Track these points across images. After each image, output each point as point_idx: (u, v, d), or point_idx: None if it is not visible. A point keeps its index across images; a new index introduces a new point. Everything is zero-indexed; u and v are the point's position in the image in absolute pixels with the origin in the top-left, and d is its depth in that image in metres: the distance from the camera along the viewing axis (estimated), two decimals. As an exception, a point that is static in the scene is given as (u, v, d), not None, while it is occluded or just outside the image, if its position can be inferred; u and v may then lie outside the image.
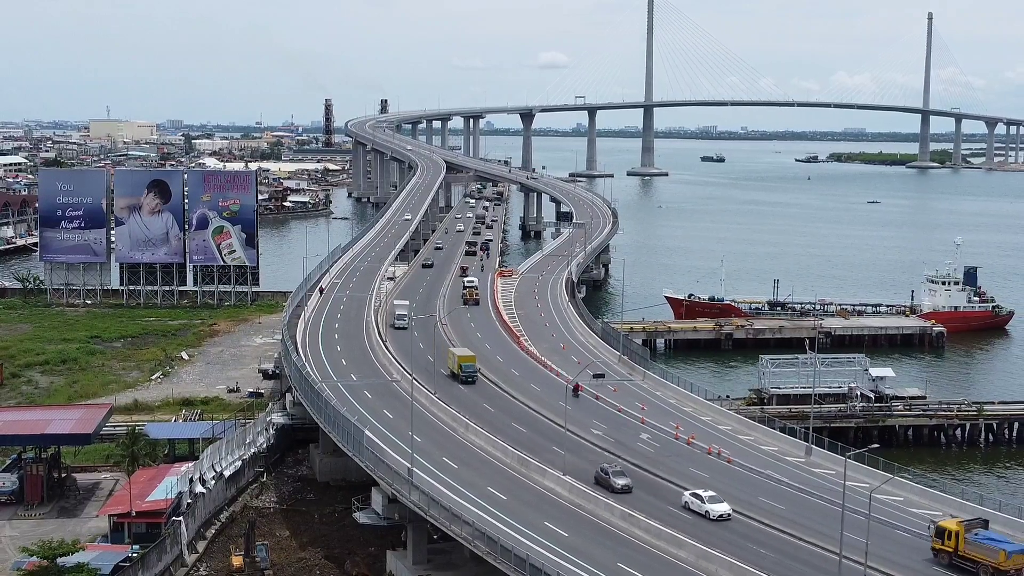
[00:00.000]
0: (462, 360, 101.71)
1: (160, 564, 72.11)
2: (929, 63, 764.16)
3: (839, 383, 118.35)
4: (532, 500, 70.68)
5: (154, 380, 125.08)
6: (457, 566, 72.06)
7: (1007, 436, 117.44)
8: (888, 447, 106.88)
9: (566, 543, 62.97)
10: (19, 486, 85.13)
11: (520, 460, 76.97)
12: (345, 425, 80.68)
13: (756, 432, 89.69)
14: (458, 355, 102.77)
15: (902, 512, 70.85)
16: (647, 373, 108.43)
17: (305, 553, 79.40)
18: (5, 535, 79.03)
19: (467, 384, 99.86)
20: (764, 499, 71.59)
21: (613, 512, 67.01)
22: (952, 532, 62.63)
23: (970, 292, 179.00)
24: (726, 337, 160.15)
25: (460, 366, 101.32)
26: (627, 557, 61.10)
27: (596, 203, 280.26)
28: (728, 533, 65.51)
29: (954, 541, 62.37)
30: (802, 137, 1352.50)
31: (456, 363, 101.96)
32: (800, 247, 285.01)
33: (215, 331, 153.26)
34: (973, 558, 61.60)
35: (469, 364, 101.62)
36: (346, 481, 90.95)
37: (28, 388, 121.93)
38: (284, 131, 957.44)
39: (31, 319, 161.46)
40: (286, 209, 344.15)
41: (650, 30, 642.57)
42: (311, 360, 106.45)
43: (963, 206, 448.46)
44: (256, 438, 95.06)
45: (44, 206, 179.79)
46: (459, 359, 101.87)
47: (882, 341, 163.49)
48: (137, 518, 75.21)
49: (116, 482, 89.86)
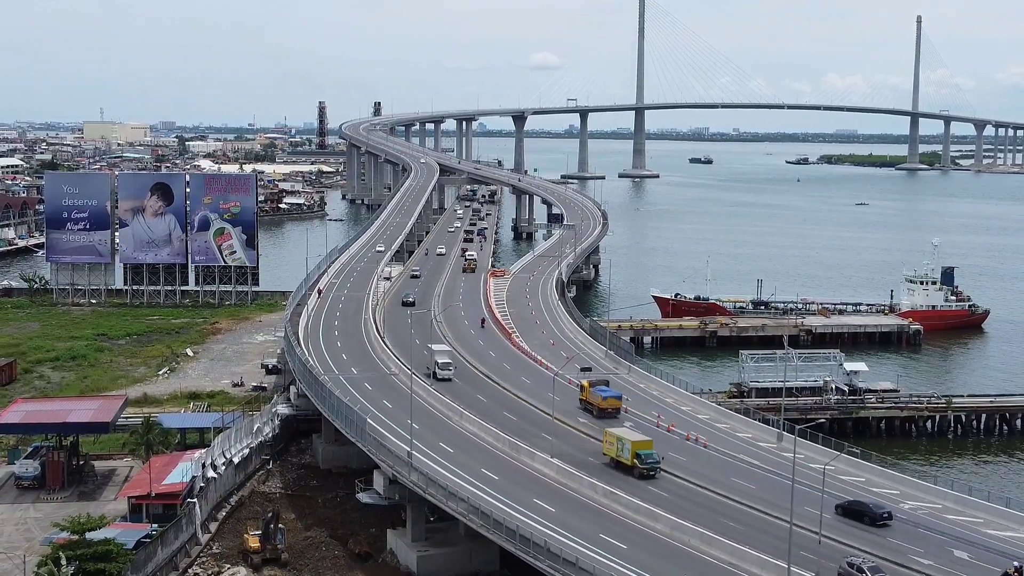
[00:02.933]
0: (638, 447, 78.75)
1: (177, 542, 77.64)
2: (918, 66, 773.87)
3: (815, 377, 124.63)
4: (522, 480, 76.64)
5: (161, 375, 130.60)
6: (453, 543, 77.70)
7: (975, 427, 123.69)
8: (861, 438, 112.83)
9: (553, 517, 68.93)
10: (41, 472, 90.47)
11: (511, 445, 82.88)
12: (348, 413, 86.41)
13: (732, 421, 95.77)
14: (632, 440, 79.50)
15: (862, 490, 76.93)
16: (632, 367, 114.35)
17: (311, 533, 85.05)
18: (30, 516, 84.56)
19: (645, 479, 77.48)
20: (736, 479, 77.55)
21: (596, 490, 72.98)
22: (583, 387, 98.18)
23: (947, 291, 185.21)
24: (710, 335, 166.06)
25: (637, 455, 78.44)
26: (608, 529, 67.08)
27: (587, 205, 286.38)
28: (701, 509, 71.44)
29: (584, 393, 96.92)
30: (794, 139, 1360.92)
31: (629, 451, 78.62)
32: (785, 248, 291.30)
33: (217, 329, 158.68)
34: (590, 401, 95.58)
35: (648, 452, 78.69)
36: (347, 468, 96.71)
37: (41, 383, 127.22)
38: (277, 133, 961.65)
39: (38, 318, 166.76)
40: (281, 211, 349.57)
41: (641, 32, 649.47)
42: (313, 355, 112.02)
43: (949, 208, 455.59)
44: (262, 428, 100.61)
45: (50, 208, 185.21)
46: (634, 446, 78.63)
47: (861, 339, 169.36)
48: (155, 500, 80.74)
49: (131, 469, 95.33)
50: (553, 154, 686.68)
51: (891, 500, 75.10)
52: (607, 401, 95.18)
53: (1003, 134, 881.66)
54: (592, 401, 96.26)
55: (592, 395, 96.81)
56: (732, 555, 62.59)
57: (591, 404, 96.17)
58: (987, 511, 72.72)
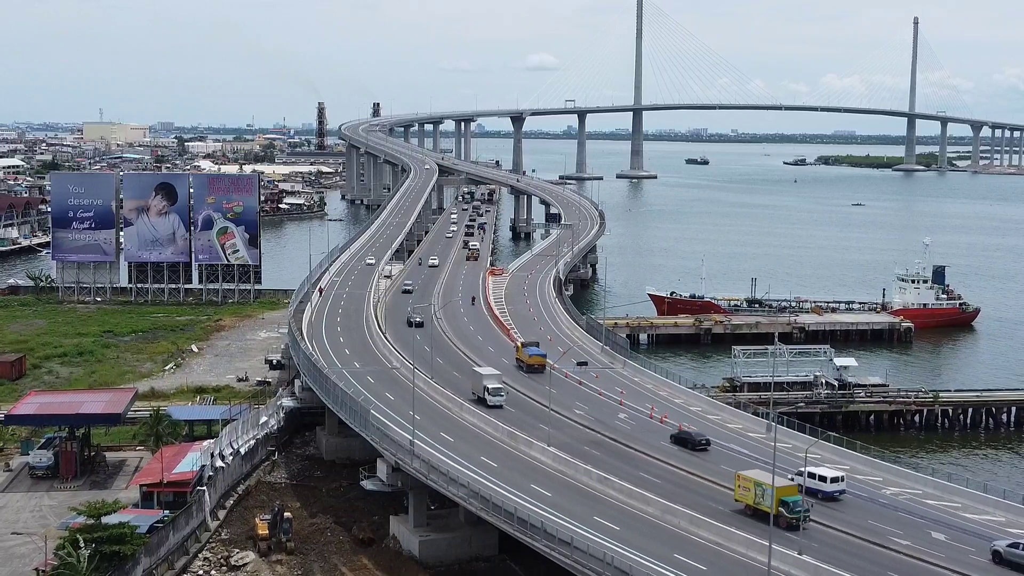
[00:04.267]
0: (784, 493, 68.81)
1: (188, 527, 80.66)
2: (915, 67, 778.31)
3: (806, 372, 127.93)
4: (520, 468, 79.75)
5: (167, 370, 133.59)
6: (453, 529, 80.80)
7: (961, 421, 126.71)
8: (851, 431, 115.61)
9: (549, 501, 72.03)
10: (54, 462, 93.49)
11: (509, 434, 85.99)
12: (352, 404, 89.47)
13: (723, 413, 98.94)
14: (778, 488, 68.35)
15: (848, 478, 79.73)
16: (627, 362, 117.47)
17: (316, 520, 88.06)
18: (45, 504, 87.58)
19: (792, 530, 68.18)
20: (725, 467, 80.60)
21: (591, 476, 76.09)
22: (518, 347, 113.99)
23: (938, 290, 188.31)
24: (705, 332, 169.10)
25: (783, 502, 68.46)
26: (602, 512, 70.17)
27: (584, 205, 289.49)
28: (692, 494, 74.56)
29: (519, 352, 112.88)
30: (792, 140, 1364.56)
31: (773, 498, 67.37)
32: (781, 248, 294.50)
33: (221, 326, 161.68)
34: (521, 359, 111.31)
35: (796, 499, 68.97)
36: (350, 459, 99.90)
37: (50, 378, 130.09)
38: (276, 133, 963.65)
39: (45, 315, 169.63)
40: (282, 211, 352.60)
41: (639, 33, 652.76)
42: (316, 350, 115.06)
43: (944, 208, 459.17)
44: (268, 420, 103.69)
45: (56, 208, 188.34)
46: (778, 492, 68.01)
47: (853, 336, 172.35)
48: (166, 488, 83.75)
49: (141, 459, 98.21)
50: (551, 155, 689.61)
51: (874, 487, 78.37)
52: (533, 358, 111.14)
53: (999, 135, 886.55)
54: (522, 359, 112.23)
55: (523, 353, 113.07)
56: (719, 535, 65.72)
57: (522, 361, 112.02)
58: (965, 496, 75.86)
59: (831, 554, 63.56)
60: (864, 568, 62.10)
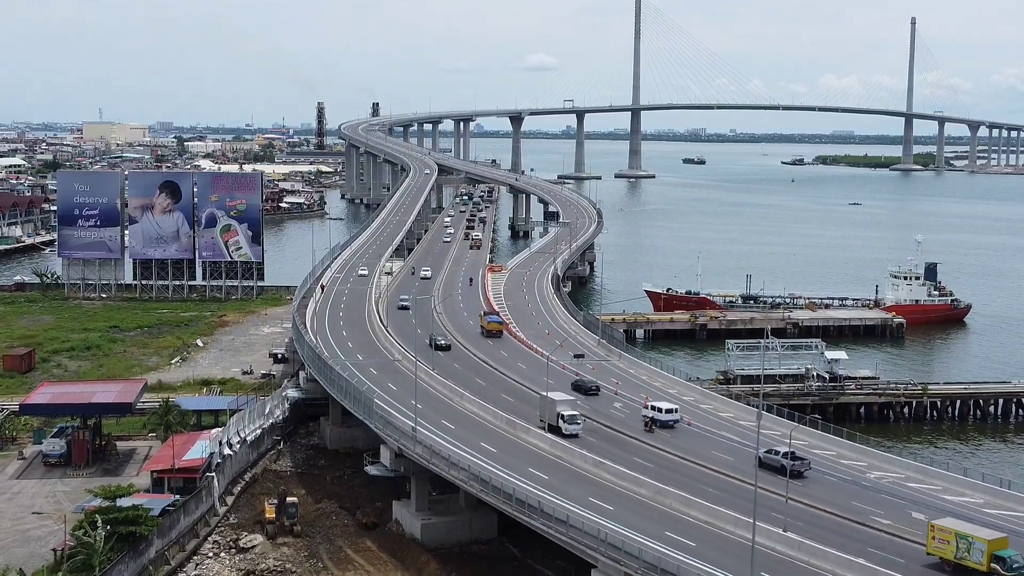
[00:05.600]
0: (996, 547, 61.69)
1: (197, 512, 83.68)
2: (912, 67, 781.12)
3: (797, 365, 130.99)
4: (518, 452, 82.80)
5: (173, 364, 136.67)
6: (454, 513, 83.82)
7: (949, 413, 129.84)
8: (842, 422, 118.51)
9: (546, 484, 75.07)
10: (67, 450, 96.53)
11: (508, 422, 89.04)
12: (356, 393, 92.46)
13: (715, 402, 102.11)
14: (989, 540, 61.94)
15: (832, 461, 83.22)
16: (623, 355, 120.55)
17: (321, 505, 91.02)
18: (58, 490, 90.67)
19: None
20: (716, 453, 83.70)
21: (587, 460, 79.16)
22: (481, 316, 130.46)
23: (930, 287, 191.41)
24: (700, 328, 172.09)
25: (995, 556, 61.48)
26: (597, 494, 73.21)
27: (582, 204, 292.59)
28: (682, 476, 77.67)
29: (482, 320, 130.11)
30: (790, 140, 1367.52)
31: (984, 553, 61.35)
32: (776, 246, 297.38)
33: (225, 322, 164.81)
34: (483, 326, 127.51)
35: (1011, 554, 61.52)
36: (353, 449, 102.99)
37: (59, 371, 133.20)
38: (275, 133, 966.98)
39: (51, 311, 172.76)
40: (282, 210, 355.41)
41: (638, 33, 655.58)
42: (320, 343, 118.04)
43: (941, 208, 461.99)
44: (273, 411, 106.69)
45: (62, 206, 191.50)
46: (989, 546, 61.53)
47: (846, 331, 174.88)
48: (176, 474, 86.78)
49: (150, 448, 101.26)
50: (550, 155, 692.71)
51: (859, 471, 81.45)
52: (491, 324, 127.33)
53: (997, 135, 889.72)
54: (484, 325, 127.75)
55: (484, 320, 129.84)
56: (708, 515, 68.81)
57: (483, 328, 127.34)
58: (945, 480, 78.95)
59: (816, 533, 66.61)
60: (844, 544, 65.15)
